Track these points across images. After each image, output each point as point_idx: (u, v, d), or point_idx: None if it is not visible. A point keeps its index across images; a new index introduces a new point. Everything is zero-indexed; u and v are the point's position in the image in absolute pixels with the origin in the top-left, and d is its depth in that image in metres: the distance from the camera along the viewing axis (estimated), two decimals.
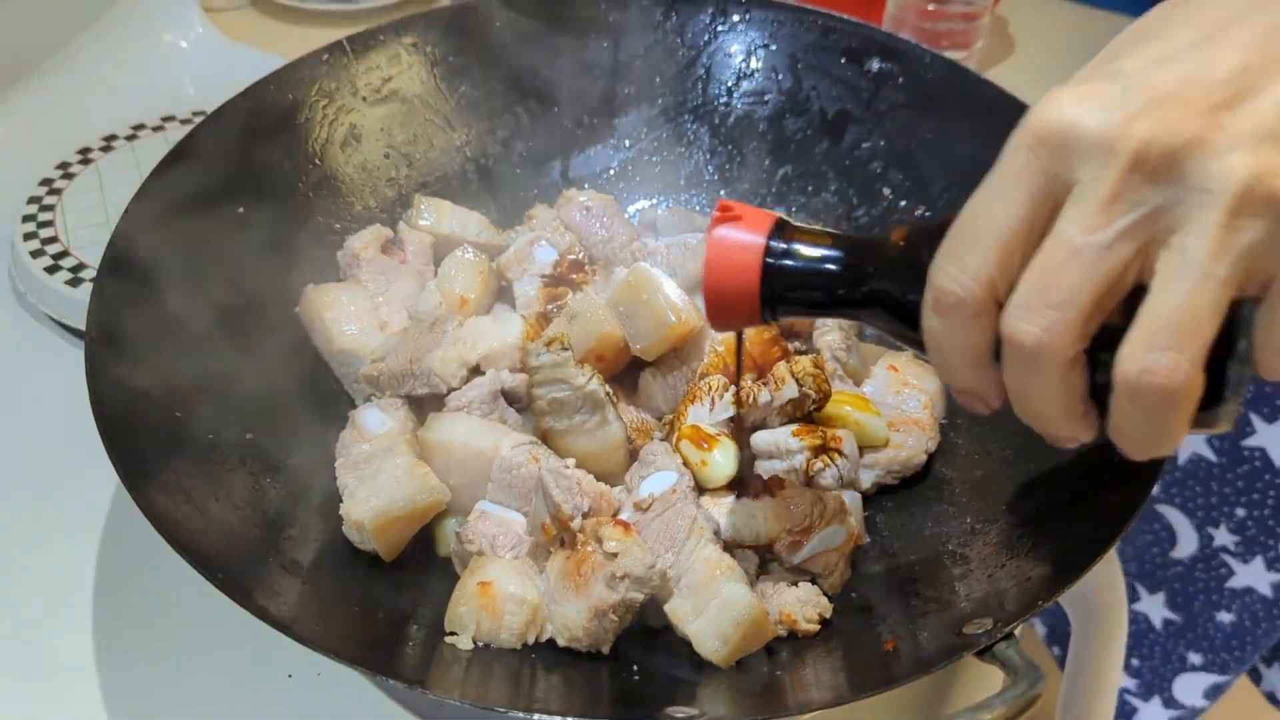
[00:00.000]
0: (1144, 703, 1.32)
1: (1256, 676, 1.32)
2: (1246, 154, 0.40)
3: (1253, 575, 1.11)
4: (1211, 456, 1.10)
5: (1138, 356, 0.43)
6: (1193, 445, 1.11)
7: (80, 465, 0.82)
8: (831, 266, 0.55)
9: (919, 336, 0.52)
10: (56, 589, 0.78)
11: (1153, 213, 0.42)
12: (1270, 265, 0.42)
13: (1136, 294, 0.44)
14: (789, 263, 0.55)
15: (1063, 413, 0.48)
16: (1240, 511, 1.08)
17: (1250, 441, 1.05)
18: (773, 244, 0.55)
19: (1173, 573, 1.20)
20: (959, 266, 0.47)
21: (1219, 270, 0.41)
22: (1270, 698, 1.30)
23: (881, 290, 0.54)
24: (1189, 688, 1.26)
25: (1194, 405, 0.44)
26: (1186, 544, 1.17)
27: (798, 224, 0.56)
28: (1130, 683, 1.32)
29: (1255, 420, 1.04)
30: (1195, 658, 1.22)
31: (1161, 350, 0.42)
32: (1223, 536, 1.12)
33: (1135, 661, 1.29)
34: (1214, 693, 1.26)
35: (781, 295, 0.56)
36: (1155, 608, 1.24)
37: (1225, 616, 1.17)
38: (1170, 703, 1.28)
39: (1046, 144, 0.44)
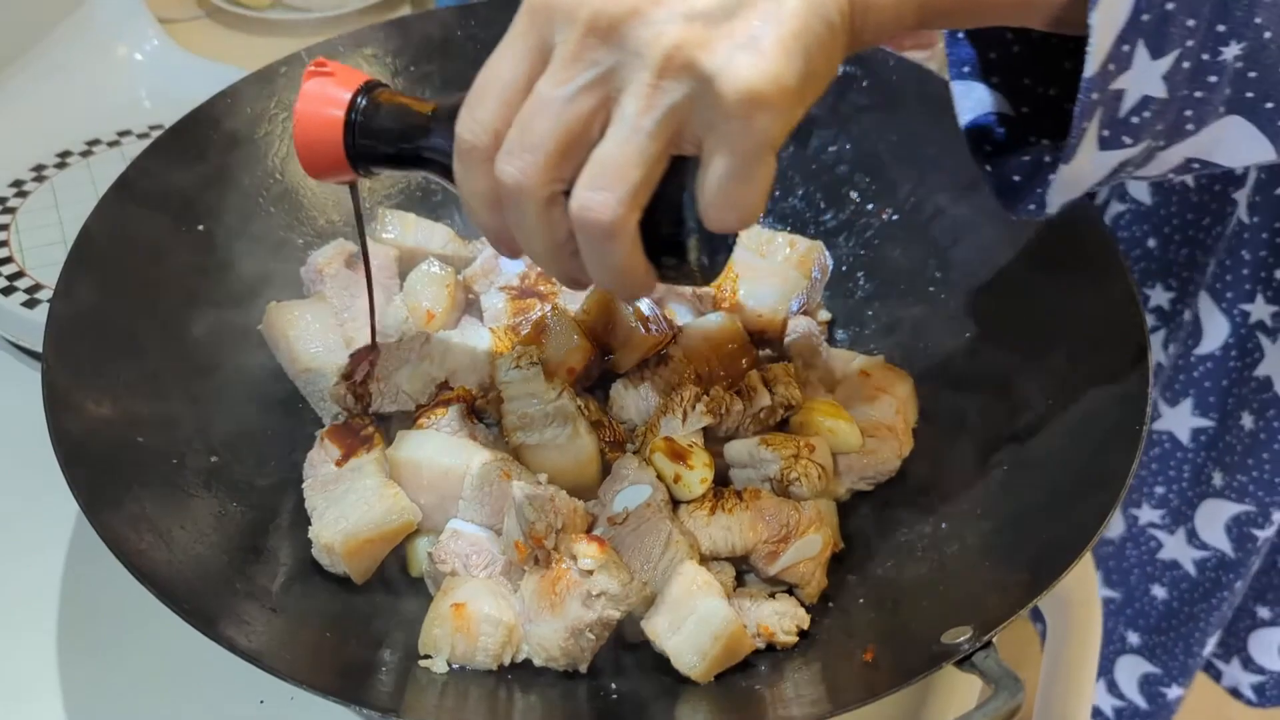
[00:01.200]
0: None
1: (1216, 673, 1.33)
2: (675, 26, 0.46)
3: (1178, 548, 1.15)
4: None
5: (577, 195, 0.49)
6: None
7: (41, 490, 0.79)
8: (404, 125, 0.59)
9: None
10: (19, 616, 0.77)
11: (605, 73, 0.48)
12: (696, 128, 0.48)
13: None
14: (368, 119, 0.59)
15: (549, 250, 0.53)
16: (1160, 489, 1.13)
17: (1158, 426, 1.09)
18: (358, 100, 0.59)
19: (1104, 552, 1.22)
20: (472, 117, 0.52)
21: (646, 123, 0.47)
22: (1234, 693, 1.31)
23: (439, 146, 0.57)
24: (1128, 675, 1.28)
25: (631, 239, 0.50)
26: (1114, 527, 1.19)
27: (388, 88, 0.61)
28: None
29: (1161, 406, 1.07)
30: (1134, 638, 1.24)
31: (596, 190, 0.49)
32: (1147, 514, 1.16)
33: None
34: (1149, 691, 1.28)
35: (362, 150, 0.60)
36: None
37: (1159, 592, 1.20)
38: (1112, 688, 1.30)
39: (537, 10, 0.49)
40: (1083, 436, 0.71)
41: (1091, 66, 0.50)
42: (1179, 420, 1.07)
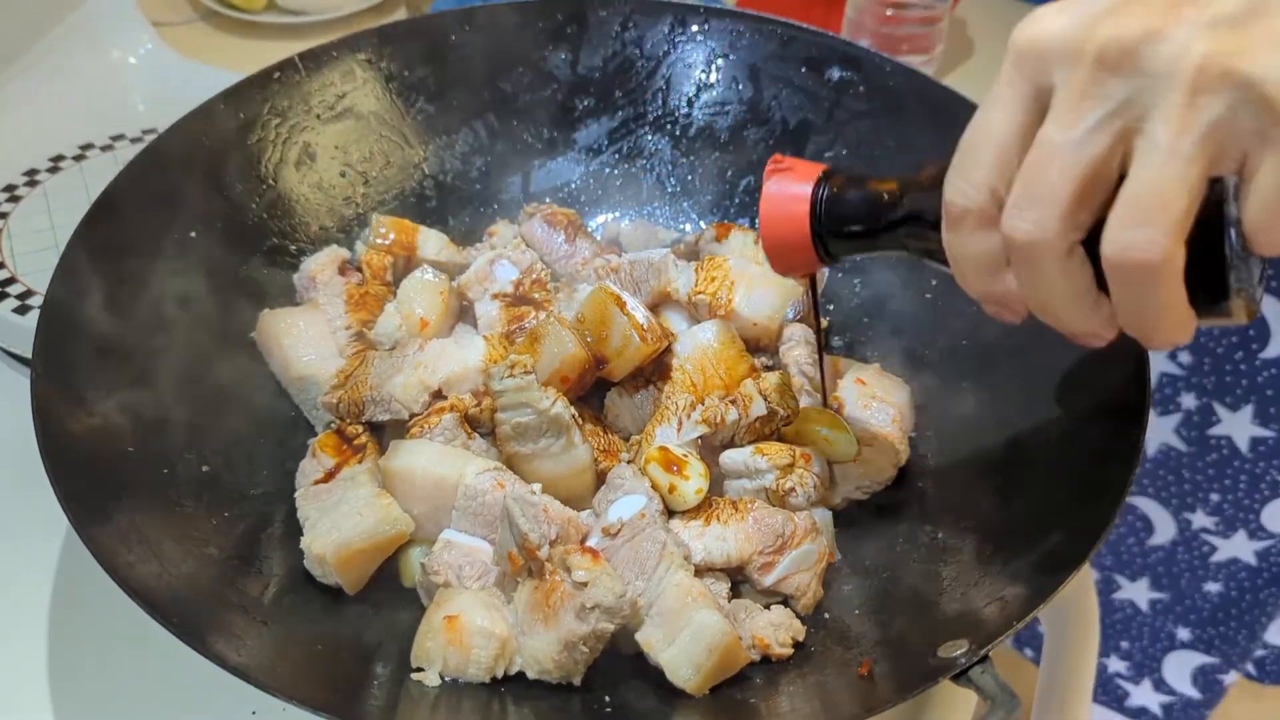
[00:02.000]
0: (1134, 686, 1.32)
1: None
2: (1201, 38, 0.43)
3: (1236, 547, 1.13)
4: (1181, 446, 1.11)
5: (1115, 237, 0.46)
6: (1162, 437, 1.12)
7: (32, 497, 0.79)
8: (871, 203, 0.59)
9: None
10: (9, 627, 0.76)
11: (1122, 104, 0.45)
12: (1240, 141, 0.44)
13: None
14: (833, 205, 0.60)
15: (1070, 304, 0.50)
16: (1215, 496, 1.11)
17: (1216, 430, 1.07)
18: (818, 191, 0.61)
19: (1154, 558, 1.20)
20: (963, 179, 0.50)
21: (1184, 147, 0.44)
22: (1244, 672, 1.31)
23: (914, 215, 0.57)
24: (1178, 669, 1.27)
25: (1178, 278, 0.46)
26: (1164, 531, 1.18)
27: (844, 172, 0.61)
28: (1120, 665, 1.33)
29: (1219, 409, 1.05)
30: (1184, 633, 1.23)
31: (1137, 227, 0.45)
32: (1201, 519, 1.14)
33: (1125, 644, 1.30)
34: (1204, 681, 1.27)
35: (831, 233, 0.61)
36: (1139, 592, 1.24)
37: (1213, 587, 1.19)
38: (1160, 685, 1.29)
39: (1026, 57, 0.47)
40: (1081, 447, 0.70)
41: None
42: (1239, 427, 1.05)
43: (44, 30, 1.24)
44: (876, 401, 0.81)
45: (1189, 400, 1.06)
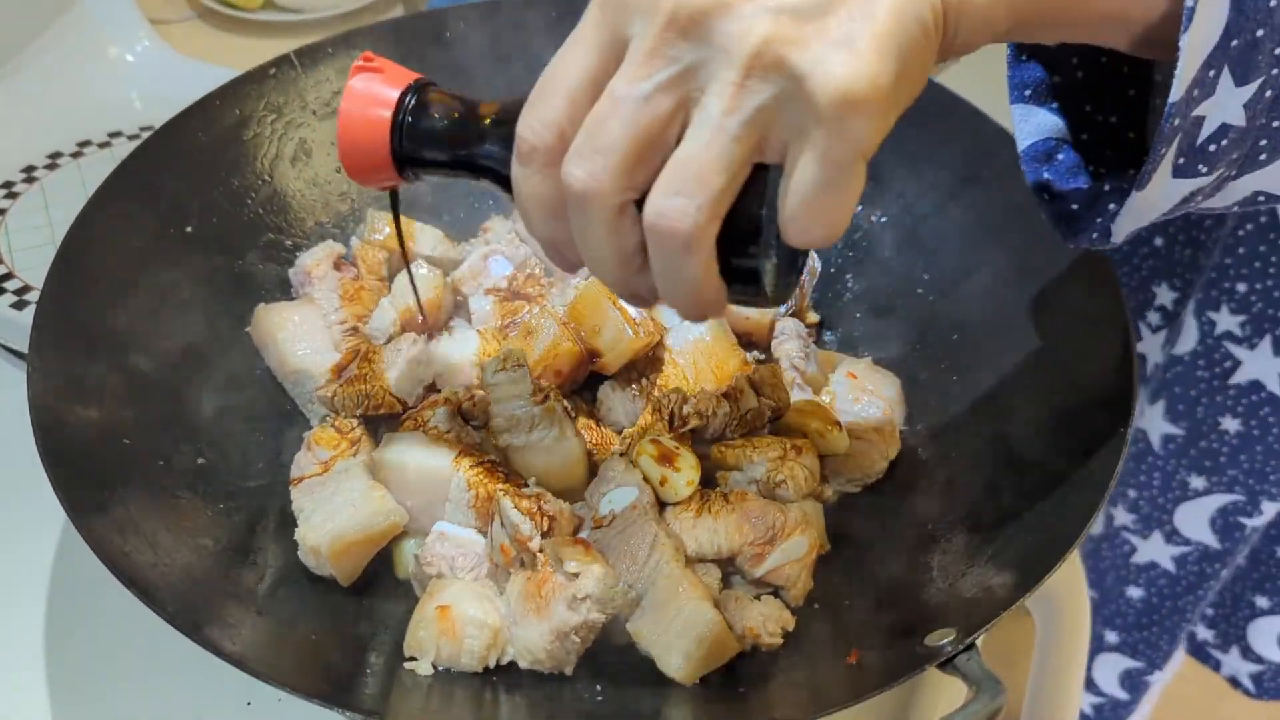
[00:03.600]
0: None
1: (1215, 664, 1.34)
2: (765, 21, 0.42)
3: (1154, 550, 1.14)
4: None
5: (655, 201, 0.46)
6: None
7: (29, 490, 0.79)
8: (455, 126, 0.55)
9: None
10: (5, 618, 0.77)
11: (686, 70, 0.44)
12: (782, 131, 0.44)
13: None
14: (416, 120, 0.55)
15: (616, 263, 0.49)
16: (1132, 493, 1.12)
17: (1137, 424, 1.07)
18: (406, 99, 0.55)
19: (1085, 549, 1.22)
20: (536, 116, 0.48)
21: (731, 125, 0.44)
22: (1233, 681, 1.32)
23: (492, 147, 0.54)
24: (1107, 671, 1.29)
25: (708, 252, 0.47)
26: (1095, 522, 1.19)
27: (438, 87, 0.57)
28: None
29: (1141, 402, 1.06)
30: (1112, 636, 1.25)
31: (675, 196, 0.45)
32: (1121, 516, 1.15)
33: None
34: (1131, 683, 1.28)
35: (410, 154, 0.56)
36: None
37: (1135, 592, 1.20)
38: (1090, 685, 1.30)
39: (610, 3, 0.46)
40: (1068, 438, 0.71)
41: (1177, 91, 0.47)
42: (1153, 423, 1.06)
43: (41, 27, 1.25)
44: (867, 395, 0.81)
45: None
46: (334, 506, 0.71)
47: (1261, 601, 1.21)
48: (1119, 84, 0.61)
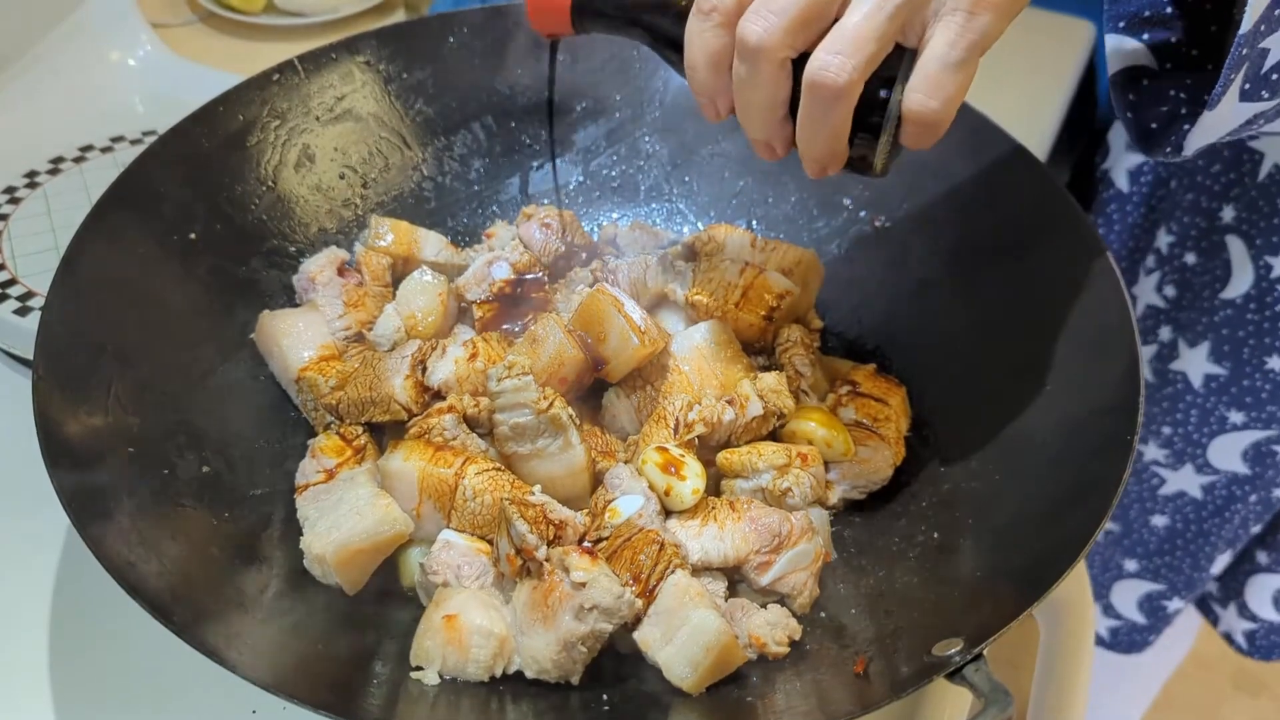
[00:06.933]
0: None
1: (1214, 618, 1.35)
2: None
3: (1183, 480, 1.17)
4: (1150, 378, 1.15)
5: (819, 56, 0.56)
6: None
7: (34, 497, 0.79)
8: None
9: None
10: (10, 625, 0.76)
11: None
12: (925, 14, 0.56)
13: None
14: None
15: (765, 109, 0.60)
16: (1166, 429, 1.14)
17: (1175, 365, 1.11)
18: None
19: None
20: None
21: (887, 5, 0.55)
22: (1227, 638, 1.32)
23: (667, 9, 0.65)
24: (1126, 596, 1.31)
25: (850, 105, 0.57)
26: None
27: None
28: None
29: (1181, 345, 1.09)
30: (1131, 564, 1.26)
31: (835, 54, 0.56)
32: (1152, 452, 1.17)
33: None
34: (1149, 606, 1.29)
35: (586, 6, 0.69)
36: None
37: (1160, 520, 1.22)
38: (1109, 610, 1.32)
39: None
40: (1075, 446, 0.71)
41: (1246, 24, 0.58)
42: (1195, 364, 1.09)
43: (43, 32, 1.25)
44: (872, 402, 0.81)
45: (1165, 333, 1.11)
46: (339, 514, 0.71)
47: (1262, 557, 1.23)
48: (1203, 20, 0.73)
